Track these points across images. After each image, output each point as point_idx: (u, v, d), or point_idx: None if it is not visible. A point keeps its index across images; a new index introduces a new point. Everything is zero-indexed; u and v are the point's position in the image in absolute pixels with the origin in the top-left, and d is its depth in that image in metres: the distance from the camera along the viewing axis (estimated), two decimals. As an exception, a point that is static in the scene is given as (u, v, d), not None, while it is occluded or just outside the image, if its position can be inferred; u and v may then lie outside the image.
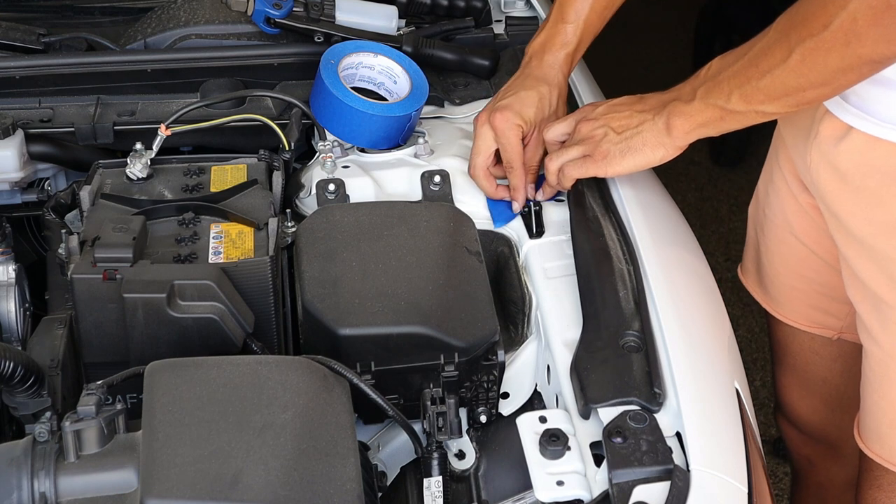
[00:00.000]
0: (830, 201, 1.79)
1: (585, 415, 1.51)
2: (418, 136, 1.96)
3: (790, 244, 2.00)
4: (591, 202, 1.81)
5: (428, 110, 2.06)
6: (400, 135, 1.95)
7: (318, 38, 2.12)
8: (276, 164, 1.89)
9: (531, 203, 1.83)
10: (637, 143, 1.74)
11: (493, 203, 1.87)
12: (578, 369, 1.55)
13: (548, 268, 1.75)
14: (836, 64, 1.54)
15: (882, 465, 1.85)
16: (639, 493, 1.39)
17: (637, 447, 1.43)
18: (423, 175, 1.88)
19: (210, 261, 1.69)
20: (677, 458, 1.44)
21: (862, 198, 1.73)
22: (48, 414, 1.41)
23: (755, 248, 2.11)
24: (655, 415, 1.48)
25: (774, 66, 1.58)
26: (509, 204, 1.86)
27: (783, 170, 1.94)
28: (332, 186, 1.84)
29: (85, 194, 1.81)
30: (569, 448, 1.47)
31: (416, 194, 1.88)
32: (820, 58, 1.54)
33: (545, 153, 1.88)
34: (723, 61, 1.67)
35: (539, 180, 1.88)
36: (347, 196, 1.85)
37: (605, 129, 1.77)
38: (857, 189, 1.73)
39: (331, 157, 1.91)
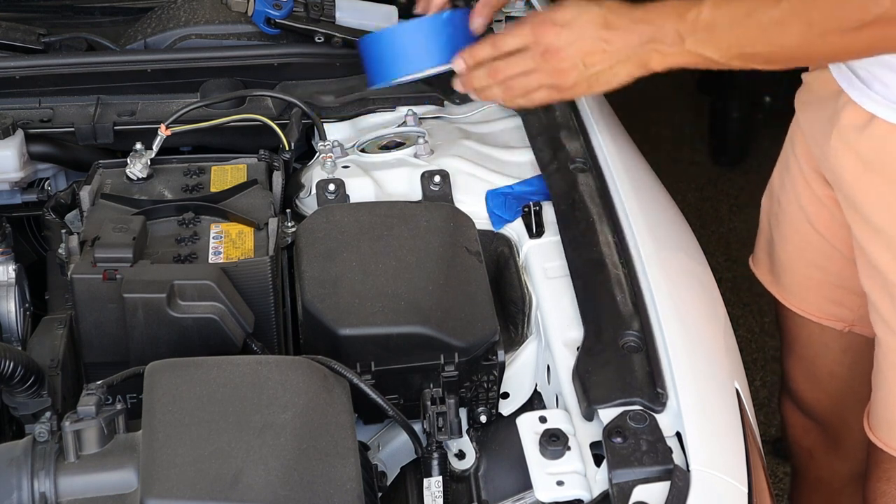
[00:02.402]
0: (850, 190, 1.80)
1: (589, 416, 1.51)
2: (418, 137, 1.96)
3: (805, 233, 2.00)
4: (588, 202, 1.81)
5: (428, 110, 2.06)
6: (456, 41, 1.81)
7: (319, 39, 2.12)
8: (276, 164, 1.89)
9: (531, 203, 1.83)
10: (607, 78, 1.66)
11: (492, 205, 1.87)
12: (580, 372, 1.55)
13: (548, 268, 1.75)
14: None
15: (894, 457, 1.84)
16: (639, 493, 1.39)
17: (637, 447, 1.43)
18: (423, 175, 1.88)
19: (210, 261, 1.70)
20: (677, 458, 1.44)
21: (883, 186, 1.74)
22: (48, 414, 1.41)
23: (768, 240, 2.11)
24: (656, 415, 1.48)
25: (785, 42, 1.57)
26: (508, 206, 1.85)
27: (800, 160, 1.95)
28: (332, 186, 1.84)
29: (85, 194, 1.81)
30: (569, 448, 1.47)
31: (416, 194, 1.87)
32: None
33: None
34: (716, 12, 1.58)
35: None
36: (347, 196, 1.85)
37: (574, 62, 1.66)
38: (879, 177, 1.74)
39: (331, 157, 1.91)
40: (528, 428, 1.51)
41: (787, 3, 1.54)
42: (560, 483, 1.44)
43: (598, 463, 1.46)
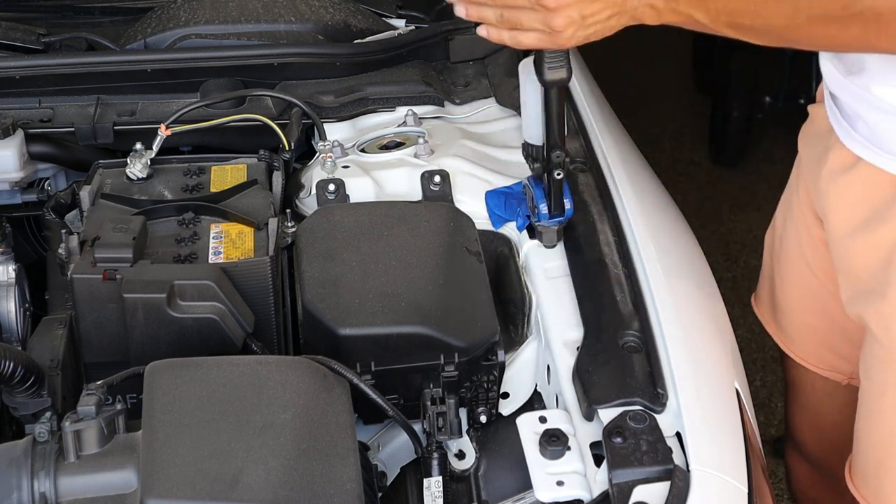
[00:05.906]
0: (835, 231, 1.76)
1: (589, 416, 1.51)
2: (418, 137, 1.96)
3: (805, 277, 1.94)
4: (588, 202, 1.81)
5: (428, 110, 2.06)
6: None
7: None
8: (276, 164, 1.89)
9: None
10: (601, 29, 1.59)
11: (491, 205, 1.87)
12: (580, 372, 1.55)
13: (548, 268, 1.75)
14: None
15: None
16: (639, 493, 1.39)
17: (637, 447, 1.43)
18: (423, 175, 1.88)
19: (210, 261, 1.70)
20: (677, 458, 1.44)
21: (864, 231, 1.69)
22: (48, 414, 1.41)
23: (770, 278, 2.05)
24: (656, 415, 1.48)
25: (772, 21, 1.54)
26: (508, 206, 1.85)
27: (801, 200, 1.89)
28: (332, 186, 1.84)
29: (85, 194, 1.81)
30: (569, 448, 1.47)
31: (416, 194, 1.87)
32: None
33: None
34: None
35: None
36: (347, 196, 1.85)
37: (572, 19, 1.57)
38: (862, 221, 1.70)
39: (331, 157, 1.91)
40: (528, 428, 1.51)
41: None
42: (560, 483, 1.45)
43: (598, 463, 1.46)
